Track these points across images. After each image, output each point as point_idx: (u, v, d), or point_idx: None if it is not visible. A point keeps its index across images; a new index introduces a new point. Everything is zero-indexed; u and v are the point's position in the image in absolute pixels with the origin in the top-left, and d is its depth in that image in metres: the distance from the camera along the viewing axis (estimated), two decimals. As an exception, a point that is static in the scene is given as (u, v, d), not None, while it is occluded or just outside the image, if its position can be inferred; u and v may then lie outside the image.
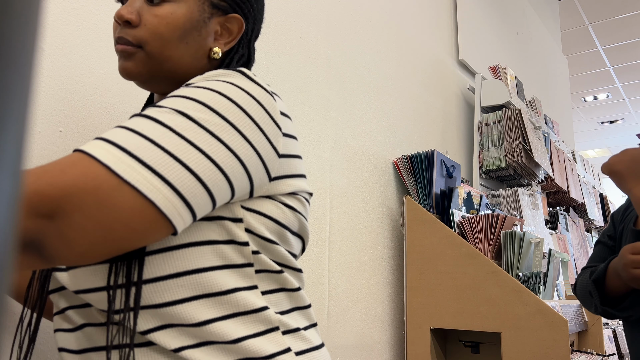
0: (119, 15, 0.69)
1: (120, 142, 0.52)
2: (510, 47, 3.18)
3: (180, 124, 0.55)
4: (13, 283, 0.80)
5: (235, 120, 0.58)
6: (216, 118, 0.57)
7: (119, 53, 0.70)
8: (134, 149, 0.51)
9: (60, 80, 0.97)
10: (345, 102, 1.72)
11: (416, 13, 2.23)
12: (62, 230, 0.48)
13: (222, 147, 0.56)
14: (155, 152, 0.52)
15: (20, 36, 0.16)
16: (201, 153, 0.54)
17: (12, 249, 0.15)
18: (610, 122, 7.10)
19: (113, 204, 0.49)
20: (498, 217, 1.74)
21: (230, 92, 0.60)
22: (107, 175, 0.49)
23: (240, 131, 0.58)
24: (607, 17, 4.73)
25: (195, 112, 0.56)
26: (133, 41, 0.69)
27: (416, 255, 1.75)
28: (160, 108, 0.56)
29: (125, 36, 0.69)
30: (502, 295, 1.55)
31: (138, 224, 0.51)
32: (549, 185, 2.62)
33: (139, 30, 0.69)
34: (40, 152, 0.93)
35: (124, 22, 0.70)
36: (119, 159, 0.50)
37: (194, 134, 0.55)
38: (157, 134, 0.53)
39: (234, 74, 0.63)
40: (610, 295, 1.28)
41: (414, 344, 1.70)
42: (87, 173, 0.49)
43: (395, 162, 1.92)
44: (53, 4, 0.97)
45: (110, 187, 0.49)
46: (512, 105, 2.37)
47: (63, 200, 0.47)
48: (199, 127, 0.55)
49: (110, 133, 0.53)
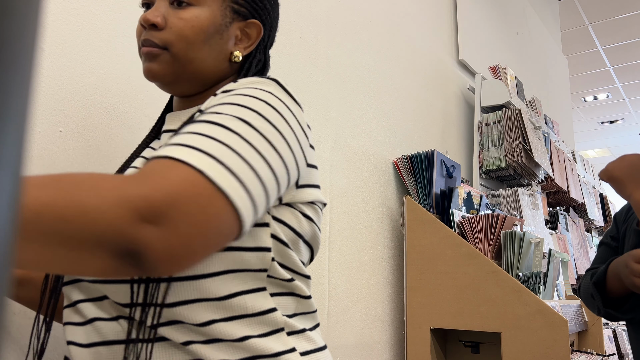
0: (145, 18, 0.71)
1: (204, 148, 0.51)
2: (510, 47, 3.18)
3: (246, 132, 0.55)
4: (26, 277, 0.81)
5: (282, 130, 0.60)
6: (269, 127, 0.58)
7: (144, 55, 0.73)
8: (219, 155, 0.51)
9: (60, 80, 0.97)
10: (345, 102, 1.72)
11: (416, 13, 2.23)
12: (167, 237, 0.46)
13: (277, 156, 0.58)
14: (235, 158, 0.52)
15: (20, 36, 0.16)
16: (264, 161, 0.55)
17: (12, 249, 0.15)
18: (610, 122, 7.10)
19: (211, 211, 0.48)
20: (498, 217, 1.74)
21: (274, 103, 0.61)
22: (204, 182, 0.48)
23: (287, 140, 0.60)
24: (607, 17, 4.73)
25: (254, 121, 0.57)
26: (159, 43, 0.71)
27: (416, 255, 1.75)
28: (221, 115, 0.56)
29: (152, 38, 0.71)
30: (502, 295, 1.55)
31: (226, 232, 0.50)
32: (549, 185, 2.62)
33: (164, 32, 0.71)
34: (40, 152, 0.93)
35: (150, 25, 0.72)
36: (210, 165, 0.50)
37: (258, 142, 0.55)
38: (232, 140, 0.53)
39: (271, 82, 0.65)
40: (612, 297, 1.28)
41: (414, 344, 1.70)
42: (187, 179, 0.48)
43: (395, 162, 1.92)
44: (53, 4, 0.97)
45: (209, 195, 0.48)
46: (512, 105, 2.37)
47: (169, 207, 0.46)
48: (260, 135, 0.56)
49: (186, 139, 0.52)
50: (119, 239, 0.44)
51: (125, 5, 1.10)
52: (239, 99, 0.59)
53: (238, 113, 0.57)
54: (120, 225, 0.43)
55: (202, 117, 0.57)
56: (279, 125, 0.59)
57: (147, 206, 0.45)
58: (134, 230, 0.44)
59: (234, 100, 0.59)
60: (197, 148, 0.51)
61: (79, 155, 0.99)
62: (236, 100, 0.59)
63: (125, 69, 1.09)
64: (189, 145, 0.51)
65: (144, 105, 1.12)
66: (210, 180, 0.49)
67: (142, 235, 0.44)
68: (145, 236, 0.45)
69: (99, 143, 1.03)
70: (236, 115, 0.57)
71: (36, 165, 0.92)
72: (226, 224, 0.50)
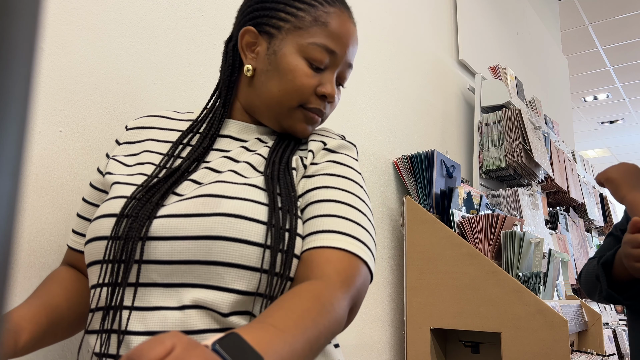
0: (331, 94, 0.79)
1: (363, 240, 0.70)
2: (510, 47, 3.18)
3: (366, 209, 0.74)
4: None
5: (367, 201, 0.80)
6: (367, 197, 0.77)
7: (311, 120, 0.80)
8: (367, 242, 0.71)
9: (60, 80, 0.97)
10: (345, 102, 1.72)
11: (416, 13, 2.23)
12: (353, 313, 0.69)
13: (371, 214, 0.79)
14: (371, 241, 0.72)
15: (20, 36, 0.16)
16: (372, 227, 0.75)
17: (12, 249, 0.15)
18: (610, 122, 7.10)
19: (368, 285, 0.71)
20: (498, 217, 1.74)
21: (360, 178, 0.80)
22: (367, 271, 0.70)
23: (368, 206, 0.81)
24: (607, 17, 4.73)
25: (363, 195, 0.76)
26: (324, 116, 0.82)
27: (416, 255, 1.75)
28: (351, 196, 0.74)
29: (324, 110, 0.81)
30: (502, 295, 1.55)
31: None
32: (549, 185, 2.62)
33: (331, 108, 0.83)
34: (40, 152, 0.93)
35: (329, 99, 0.80)
36: (366, 253, 0.69)
37: (369, 213, 0.75)
38: (365, 222, 0.72)
39: (355, 149, 0.83)
40: (617, 280, 1.28)
41: (414, 344, 1.70)
42: (365, 276, 0.69)
43: (395, 162, 1.92)
44: (53, 4, 0.97)
45: (368, 275, 0.70)
46: (512, 105, 2.37)
47: (358, 301, 0.68)
48: (367, 207, 0.76)
49: (346, 227, 0.70)
50: (342, 327, 0.64)
51: (125, 5, 1.10)
52: (351, 174, 0.77)
53: (357, 192, 0.75)
54: (344, 320, 0.64)
55: (334, 186, 0.74)
56: (367, 199, 0.78)
57: (352, 306, 0.67)
58: (345, 315, 0.64)
59: (350, 175, 0.76)
60: (356, 237, 0.69)
61: (79, 155, 0.99)
62: (350, 175, 0.76)
63: (125, 68, 1.09)
64: (352, 236, 0.69)
65: (144, 105, 1.12)
66: (369, 267, 0.70)
67: (347, 320, 0.68)
68: (347, 318, 0.68)
69: (99, 143, 1.03)
70: (358, 196, 0.75)
71: (36, 165, 0.92)
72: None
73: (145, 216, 0.67)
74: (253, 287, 0.65)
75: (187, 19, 1.24)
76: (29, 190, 0.91)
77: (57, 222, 0.94)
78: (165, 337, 0.43)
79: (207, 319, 0.63)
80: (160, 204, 0.69)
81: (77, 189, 0.98)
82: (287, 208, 0.69)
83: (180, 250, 0.64)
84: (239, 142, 0.81)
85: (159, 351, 0.41)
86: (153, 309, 0.64)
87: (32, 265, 0.90)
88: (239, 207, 0.66)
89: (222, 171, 0.75)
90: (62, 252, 0.95)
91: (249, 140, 0.82)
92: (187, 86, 1.21)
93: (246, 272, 0.64)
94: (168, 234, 0.65)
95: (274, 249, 0.65)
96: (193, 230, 0.64)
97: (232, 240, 0.64)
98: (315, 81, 0.77)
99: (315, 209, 0.71)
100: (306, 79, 0.77)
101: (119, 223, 0.67)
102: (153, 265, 0.65)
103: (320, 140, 0.79)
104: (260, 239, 0.65)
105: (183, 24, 1.22)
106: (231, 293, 0.64)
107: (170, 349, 0.42)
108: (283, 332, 0.51)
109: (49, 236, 0.93)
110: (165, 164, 0.76)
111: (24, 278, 0.89)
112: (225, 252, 0.64)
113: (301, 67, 0.77)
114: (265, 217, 0.67)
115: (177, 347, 0.42)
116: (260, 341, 0.48)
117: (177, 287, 0.65)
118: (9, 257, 0.15)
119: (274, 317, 0.54)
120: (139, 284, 0.66)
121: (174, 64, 1.19)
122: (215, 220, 0.65)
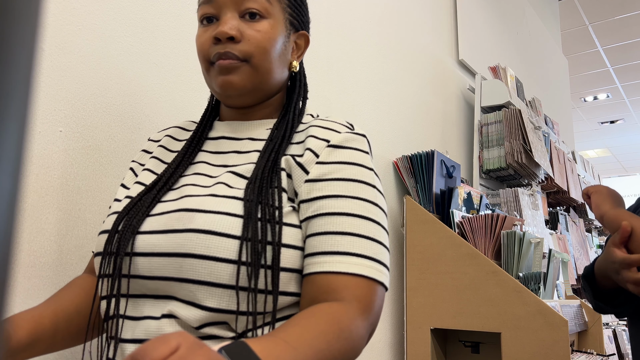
0: (222, 32, 0.73)
1: (379, 259, 0.69)
2: (510, 47, 3.18)
3: (380, 217, 0.73)
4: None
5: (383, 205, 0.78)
6: (383, 204, 0.76)
7: (223, 68, 0.75)
8: (385, 260, 0.70)
9: (60, 80, 0.97)
10: (345, 102, 1.72)
11: (416, 13, 2.23)
12: (371, 335, 0.68)
13: (385, 220, 0.77)
14: (387, 257, 0.71)
15: (20, 36, 0.16)
16: (387, 235, 0.74)
17: (12, 249, 0.15)
18: (610, 122, 7.10)
19: (382, 303, 0.70)
20: (498, 217, 1.74)
21: (375, 178, 0.77)
22: (384, 291, 0.69)
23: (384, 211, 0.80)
24: (607, 17, 4.73)
25: (378, 200, 0.74)
26: (240, 55, 0.74)
27: (416, 255, 1.74)
28: (361, 202, 0.71)
29: (232, 51, 0.74)
30: (502, 295, 1.55)
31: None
32: (549, 185, 2.62)
33: (243, 44, 0.75)
34: (40, 152, 0.93)
35: (227, 38, 0.74)
36: (383, 274, 0.68)
37: (384, 222, 0.74)
38: (380, 235, 0.71)
39: (365, 140, 0.77)
40: (602, 290, 1.28)
41: (414, 344, 1.70)
42: (382, 297, 0.69)
43: (395, 162, 1.92)
44: (53, 4, 0.97)
45: (384, 298, 0.66)
46: (512, 105, 2.37)
47: (375, 324, 0.68)
48: (383, 213, 0.74)
49: (365, 247, 0.68)
50: (358, 354, 0.63)
51: (125, 5, 1.10)
52: (362, 174, 0.73)
53: (369, 196, 0.72)
54: (362, 347, 0.64)
55: (344, 194, 0.70)
56: (380, 200, 0.76)
57: (371, 330, 0.67)
58: (364, 338, 0.65)
59: (360, 177, 0.73)
60: (373, 259, 0.68)
61: (79, 155, 0.99)
62: (361, 175, 0.73)
63: (125, 69, 1.09)
64: (374, 259, 0.68)
65: (144, 105, 1.12)
66: (385, 287, 0.69)
67: (366, 338, 0.67)
68: (368, 340, 0.68)
69: (99, 143, 1.03)
70: (371, 201, 0.72)
71: (36, 165, 0.92)
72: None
73: (129, 232, 0.69)
74: (226, 305, 0.63)
75: (187, 19, 1.24)
76: (29, 190, 0.91)
77: (57, 222, 0.94)
78: (171, 336, 0.43)
79: (179, 329, 0.64)
80: (146, 215, 0.70)
81: (77, 189, 0.98)
82: (268, 218, 0.66)
83: (158, 266, 0.66)
84: (232, 141, 0.81)
85: (164, 350, 0.42)
86: (142, 318, 0.67)
87: (32, 265, 0.90)
88: (210, 222, 0.64)
89: (213, 176, 0.75)
90: (62, 252, 0.95)
91: (242, 139, 0.80)
92: (187, 86, 1.21)
93: (217, 289, 0.63)
94: (147, 250, 0.67)
95: (251, 264, 0.63)
96: (167, 247, 0.66)
97: (201, 258, 0.63)
98: (208, 34, 0.77)
99: (326, 224, 0.68)
100: (201, 38, 0.77)
101: (109, 240, 0.70)
102: (140, 280, 0.68)
103: (323, 138, 0.74)
104: (232, 255, 0.63)
105: (183, 24, 1.22)
106: (202, 310, 0.63)
107: (174, 348, 0.42)
108: (295, 350, 0.51)
109: (49, 236, 0.93)
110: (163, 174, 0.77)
111: (24, 278, 0.89)
112: (195, 269, 0.63)
113: (198, 32, 0.79)
114: (239, 230, 0.64)
115: (182, 347, 0.43)
116: (269, 354, 0.48)
117: (163, 299, 0.67)
118: (9, 257, 0.15)
119: (287, 333, 0.53)
120: (133, 295, 0.68)
121: (174, 64, 1.19)
122: (186, 237, 0.64)
